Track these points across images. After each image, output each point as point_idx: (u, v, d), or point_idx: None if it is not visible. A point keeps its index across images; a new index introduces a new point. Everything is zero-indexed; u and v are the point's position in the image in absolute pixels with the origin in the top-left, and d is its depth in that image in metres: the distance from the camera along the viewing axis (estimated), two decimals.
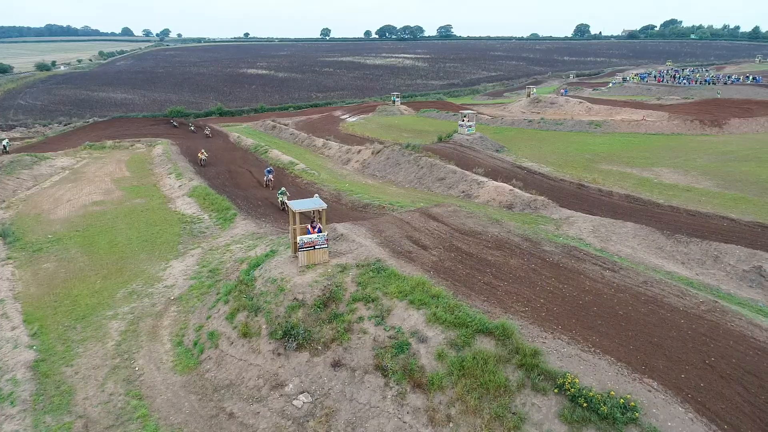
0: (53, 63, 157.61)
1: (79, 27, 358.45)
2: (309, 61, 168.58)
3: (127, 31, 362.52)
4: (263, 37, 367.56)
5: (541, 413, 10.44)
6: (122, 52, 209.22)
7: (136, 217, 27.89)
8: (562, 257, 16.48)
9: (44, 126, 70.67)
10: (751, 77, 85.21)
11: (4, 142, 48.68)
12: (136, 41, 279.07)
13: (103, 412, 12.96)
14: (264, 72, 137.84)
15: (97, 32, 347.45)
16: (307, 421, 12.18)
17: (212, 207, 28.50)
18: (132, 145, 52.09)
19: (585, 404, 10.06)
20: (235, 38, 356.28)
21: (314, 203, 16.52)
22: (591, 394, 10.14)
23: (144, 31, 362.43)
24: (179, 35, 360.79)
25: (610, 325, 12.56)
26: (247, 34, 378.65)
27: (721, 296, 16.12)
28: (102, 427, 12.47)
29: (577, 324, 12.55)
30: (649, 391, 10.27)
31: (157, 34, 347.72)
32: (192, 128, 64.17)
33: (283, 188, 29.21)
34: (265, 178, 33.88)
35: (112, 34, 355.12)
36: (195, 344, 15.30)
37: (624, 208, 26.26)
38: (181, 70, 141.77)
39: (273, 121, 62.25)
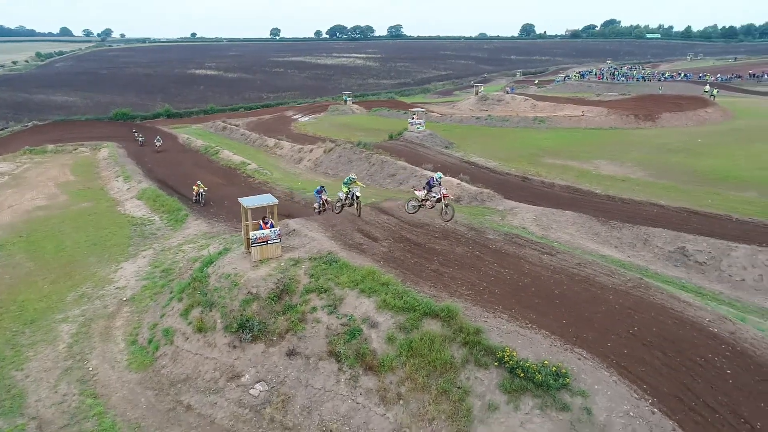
0: None
1: (12, 27, 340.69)
2: (259, 61, 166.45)
3: (65, 31, 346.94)
4: (211, 37, 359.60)
5: (483, 385, 11.26)
6: (61, 53, 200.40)
7: (84, 220, 27.34)
8: (504, 244, 17.46)
9: None
10: (682, 74, 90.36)
11: None
12: (76, 41, 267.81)
13: (57, 413, 12.98)
14: (213, 72, 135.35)
15: (33, 32, 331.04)
16: (264, 408, 12.61)
17: (163, 208, 28.25)
18: (75, 149, 50.49)
19: (522, 374, 10.94)
20: (181, 38, 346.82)
21: (265, 199, 16.88)
22: (527, 364, 11.03)
23: (84, 31, 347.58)
24: (122, 35, 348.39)
25: (546, 303, 13.56)
26: (194, 34, 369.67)
27: (649, 275, 17.49)
28: (57, 427, 12.52)
29: (517, 303, 13.47)
30: (579, 359, 11.26)
31: (99, 34, 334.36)
32: (140, 140, 52.96)
33: (351, 176, 20.83)
34: (316, 205, 22.60)
35: (50, 34, 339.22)
36: (150, 342, 15.41)
37: (565, 198, 27.66)
38: (125, 71, 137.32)
39: (223, 122, 61.54)
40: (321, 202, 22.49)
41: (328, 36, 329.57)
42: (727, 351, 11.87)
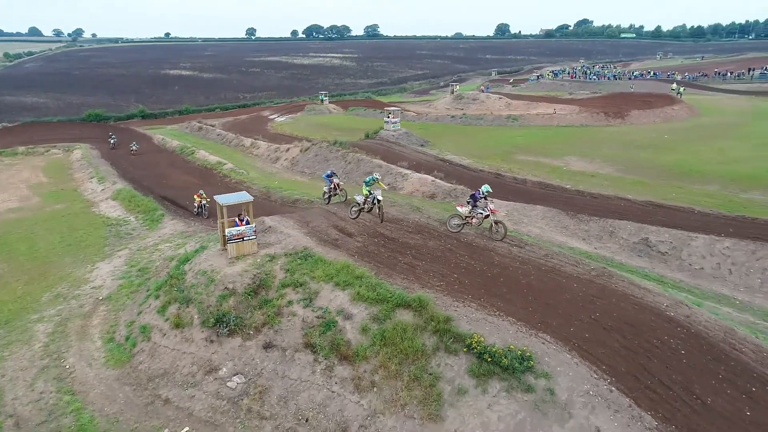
0: None
1: None
2: (235, 61, 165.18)
3: (34, 31, 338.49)
4: (185, 36, 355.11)
5: (453, 371, 11.74)
6: (31, 53, 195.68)
7: (58, 222, 27.16)
8: (475, 238, 17.99)
9: None
10: (652, 72, 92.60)
11: None
12: (46, 41, 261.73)
13: (34, 410, 13.08)
14: (188, 73, 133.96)
15: (0, 32, 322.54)
16: (242, 399, 12.92)
17: (138, 209, 28.21)
18: (47, 151, 49.78)
19: (489, 359, 11.45)
20: (155, 38, 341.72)
21: (241, 197, 17.14)
22: (494, 349, 11.54)
23: (54, 31, 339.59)
24: (94, 35, 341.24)
25: (514, 292, 14.12)
26: (168, 34, 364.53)
27: (614, 265, 18.23)
28: (34, 424, 12.63)
29: (486, 293, 14.01)
30: (543, 343, 11.83)
31: (69, 34, 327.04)
32: (111, 142, 50.06)
33: (374, 175, 19.19)
34: (326, 188, 22.93)
35: (18, 34, 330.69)
36: (127, 339, 15.56)
37: (536, 193, 28.41)
38: (98, 71, 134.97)
39: (199, 122, 61.19)
40: (331, 186, 22.04)
41: (304, 36, 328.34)
42: (682, 333, 12.57)
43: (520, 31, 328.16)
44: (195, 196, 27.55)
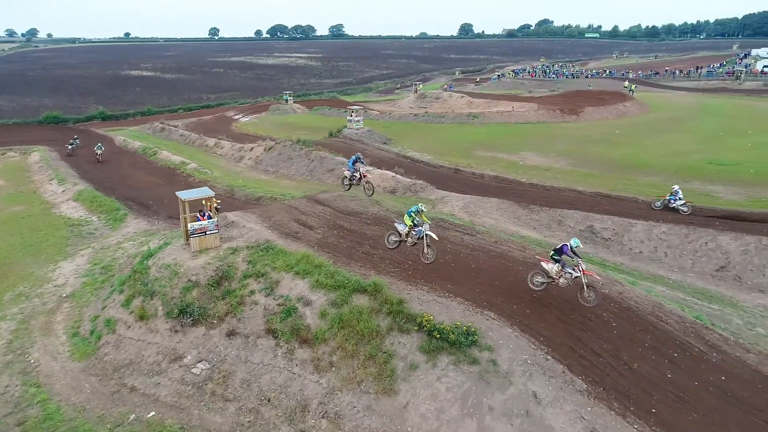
0: None
1: None
2: (198, 61, 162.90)
3: None
4: (146, 36, 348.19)
5: (405, 348, 12.60)
6: None
7: (17, 224, 26.94)
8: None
9: None
10: (608, 71, 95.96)
11: None
12: None
13: (0, 403, 13.34)
14: (149, 73, 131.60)
15: None
16: (206, 384, 13.50)
17: (101, 209, 28.20)
18: (3, 154, 48.54)
19: (438, 336, 12.35)
20: (114, 38, 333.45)
21: (202, 192, 17.63)
22: (443, 327, 12.46)
23: (7, 30, 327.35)
24: (49, 35, 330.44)
25: (463, 275, 15.08)
26: (127, 34, 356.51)
27: None
28: (0, 415, 12.91)
29: (437, 277, 14.92)
30: (488, 320, 12.81)
31: (23, 34, 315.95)
32: (69, 147, 45.77)
33: (419, 206, 15.86)
34: (347, 173, 22.40)
35: None
36: (92, 333, 15.90)
37: (493, 187, 29.61)
38: (55, 72, 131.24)
39: (162, 123, 60.58)
40: (357, 173, 21.18)
41: (269, 36, 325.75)
42: (615, 308, 13.77)
43: (483, 31, 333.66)
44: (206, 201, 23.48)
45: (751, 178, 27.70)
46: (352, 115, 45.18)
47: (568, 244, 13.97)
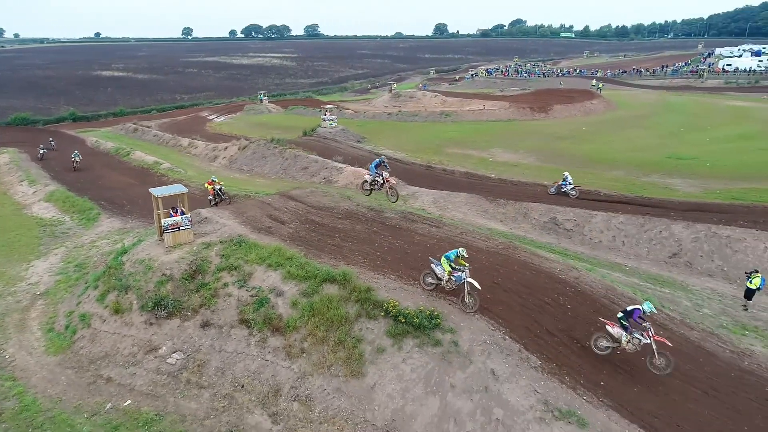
0: None
1: None
2: (171, 61, 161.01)
3: None
4: (117, 36, 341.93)
5: (373, 333, 13.24)
6: None
7: None
8: (399, 221, 19.61)
9: None
10: (578, 70, 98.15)
11: None
12: None
13: None
14: (121, 74, 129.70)
15: None
16: (181, 373, 13.93)
17: (74, 209, 28.22)
18: None
19: (403, 320, 13.02)
20: (84, 38, 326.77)
21: (175, 189, 18.00)
22: (407, 311, 13.13)
23: None
24: (16, 35, 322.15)
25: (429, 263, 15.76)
26: (98, 34, 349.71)
27: (525, 241, 20.30)
28: None
29: (404, 266, 15.59)
30: (450, 304, 13.55)
31: None
32: (40, 152, 44.10)
33: (458, 250, 14.04)
34: (369, 177, 21.38)
35: None
36: (67, 328, 16.16)
37: (463, 183, 30.46)
38: (23, 73, 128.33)
39: (134, 124, 60.23)
40: (380, 178, 19.72)
41: (243, 36, 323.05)
42: (570, 292, 14.62)
43: (458, 31, 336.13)
44: (206, 185, 23.58)
45: (707, 171, 29.08)
46: (326, 114, 45.66)
47: (640, 308, 12.35)
